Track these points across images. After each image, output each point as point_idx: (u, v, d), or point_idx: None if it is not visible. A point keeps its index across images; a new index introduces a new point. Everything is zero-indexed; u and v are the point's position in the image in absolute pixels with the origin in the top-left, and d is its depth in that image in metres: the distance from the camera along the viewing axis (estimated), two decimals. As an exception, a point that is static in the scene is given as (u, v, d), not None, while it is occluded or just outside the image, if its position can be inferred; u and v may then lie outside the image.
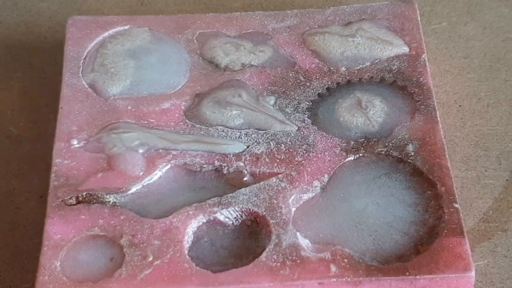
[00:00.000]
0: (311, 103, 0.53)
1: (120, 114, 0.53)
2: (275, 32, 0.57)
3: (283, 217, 0.47)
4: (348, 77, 0.54)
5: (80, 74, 0.55)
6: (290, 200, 0.48)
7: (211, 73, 0.55)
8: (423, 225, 0.47)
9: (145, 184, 0.50)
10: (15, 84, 0.59)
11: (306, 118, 0.52)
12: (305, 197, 0.49)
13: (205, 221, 0.48)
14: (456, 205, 0.47)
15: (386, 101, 0.53)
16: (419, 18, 0.57)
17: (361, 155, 0.50)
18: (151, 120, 0.52)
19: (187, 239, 0.47)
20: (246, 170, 0.50)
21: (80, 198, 0.49)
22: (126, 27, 0.57)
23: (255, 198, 0.48)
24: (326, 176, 0.49)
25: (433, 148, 0.50)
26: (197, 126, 0.52)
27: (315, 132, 0.51)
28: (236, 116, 0.52)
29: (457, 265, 0.45)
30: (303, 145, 0.51)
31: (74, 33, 0.56)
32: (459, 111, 0.56)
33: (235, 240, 0.48)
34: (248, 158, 0.50)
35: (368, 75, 0.54)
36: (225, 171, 0.50)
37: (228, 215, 0.48)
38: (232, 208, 0.48)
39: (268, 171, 0.50)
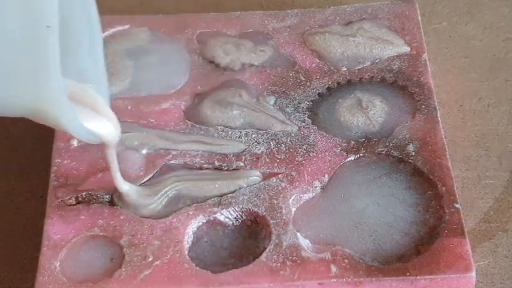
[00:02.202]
0: (311, 103, 0.53)
1: (119, 114, 0.52)
2: (275, 32, 0.57)
3: (284, 217, 0.47)
4: (348, 77, 0.54)
5: (80, 74, 0.54)
6: (290, 200, 0.48)
7: (212, 73, 0.55)
8: (424, 226, 0.47)
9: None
10: (15, 84, 0.59)
11: (306, 118, 0.52)
12: (305, 197, 0.49)
13: (205, 221, 0.48)
14: (457, 205, 0.47)
15: (387, 101, 0.53)
16: (419, 18, 0.57)
17: (361, 155, 0.50)
18: (151, 120, 0.52)
19: (187, 239, 0.47)
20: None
21: (80, 198, 0.49)
22: (126, 27, 0.57)
23: (255, 198, 0.48)
24: (326, 176, 0.49)
25: (434, 148, 0.50)
26: (197, 126, 0.52)
27: (315, 132, 0.51)
28: (237, 116, 0.52)
29: (457, 265, 0.45)
30: (303, 145, 0.51)
31: (73, 33, 0.56)
32: (460, 111, 0.56)
33: (235, 240, 0.48)
34: (248, 158, 0.50)
35: (368, 75, 0.54)
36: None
37: (228, 215, 0.48)
38: (232, 208, 0.48)
39: (268, 171, 0.50)
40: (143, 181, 0.49)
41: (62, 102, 0.39)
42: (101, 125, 0.45)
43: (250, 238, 0.48)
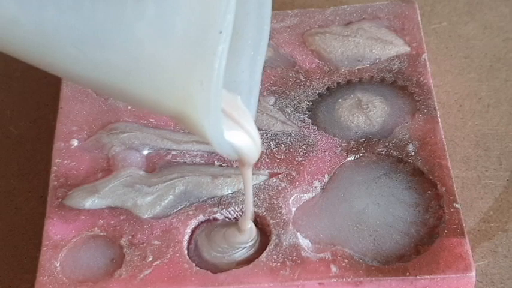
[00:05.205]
0: (311, 103, 0.53)
1: (119, 114, 0.53)
2: (275, 32, 0.57)
3: (283, 217, 0.47)
4: (348, 77, 0.54)
5: (80, 74, 0.54)
6: (290, 200, 0.48)
7: (211, 73, 0.55)
8: (424, 226, 0.47)
9: (145, 184, 0.50)
10: (15, 84, 0.59)
11: (306, 118, 0.52)
12: (305, 197, 0.49)
13: (205, 221, 0.48)
14: (457, 205, 0.47)
15: (387, 101, 0.53)
16: (419, 18, 0.57)
17: (361, 155, 0.50)
18: (151, 120, 0.52)
19: (187, 239, 0.47)
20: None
21: (80, 198, 0.49)
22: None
23: (255, 198, 0.48)
24: (326, 176, 0.49)
25: (434, 148, 0.50)
26: (197, 126, 0.52)
27: (315, 132, 0.51)
28: (236, 116, 0.52)
29: (457, 265, 0.45)
30: (303, 145, 0.51)
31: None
32: (459, 111, 0.56)
33: (235, 240, 0.48)
34: (248, 158, 0.50)
35: (368, 75, 0.54)
36: (225, 171, 0.50)
37: (228, 215, 0.48)
38: (232, 208, 0.48)
39: (268, 171, 0.50)
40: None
41: (215, 114, 0.37)
42: (243, 140, 0.41)
43: (250, 238, 0.48)
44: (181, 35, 0.35)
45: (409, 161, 0.49)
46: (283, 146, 0.51)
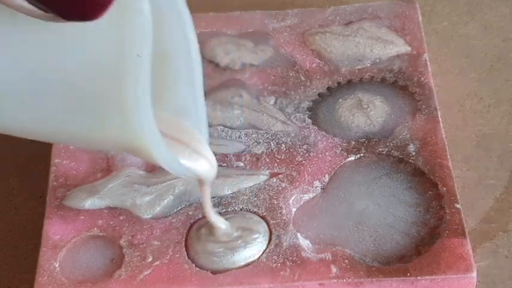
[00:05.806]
0: (312, 103, 0.53)
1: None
2: (275, 32, 0.57)
3: (284, 217, 0.47)
4: (348, 77, 0.54)
5: (79, 74, 0.54)
6: (290, 201, 0.48)
7: (212, 73, 0.55)
8: (424, 226, 0.47)
9: (144, 184, 0.50)
10: (14, 83, 0.59)
11: (306, 118, 0.52)
12: (305, 197, 0.49)
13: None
14: (457, 205, 0.47)
15: (387, 101, 0.53)
16: (420, 18, 0.57)
17: (362, 155, 0.50)
18: (151, 120, 0.52)
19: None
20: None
21: (79, 199, 0.49)
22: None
23: (255, 199, 0.48)
24: (327, 176, 0.49)
25: (435, 148, 0.50)
26: (197, 126, 0.52)
27: (315, 132, 0.51)
28: (237, 116, 0.52)
29: (458, 266, 0.44)
30: (303, 145, 0.51)
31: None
32: (460, 111, 0.56)
33: (235, 240, 0.48)
34: (248, 158, 0.50)
35: (369, 75, 0.54)
36: (225, 172, 0.50)
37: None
38: (232, 208, 0.48)
39: (268, 171, 0.49)
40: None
41: (151, 134, 0.37)
42: (198, 163, 0.42)
43: (250, 238, 0.48)
44: (101, 64, 0.36)
45: (410, 161, 0.49)
46: (283, 146, 0.51)
